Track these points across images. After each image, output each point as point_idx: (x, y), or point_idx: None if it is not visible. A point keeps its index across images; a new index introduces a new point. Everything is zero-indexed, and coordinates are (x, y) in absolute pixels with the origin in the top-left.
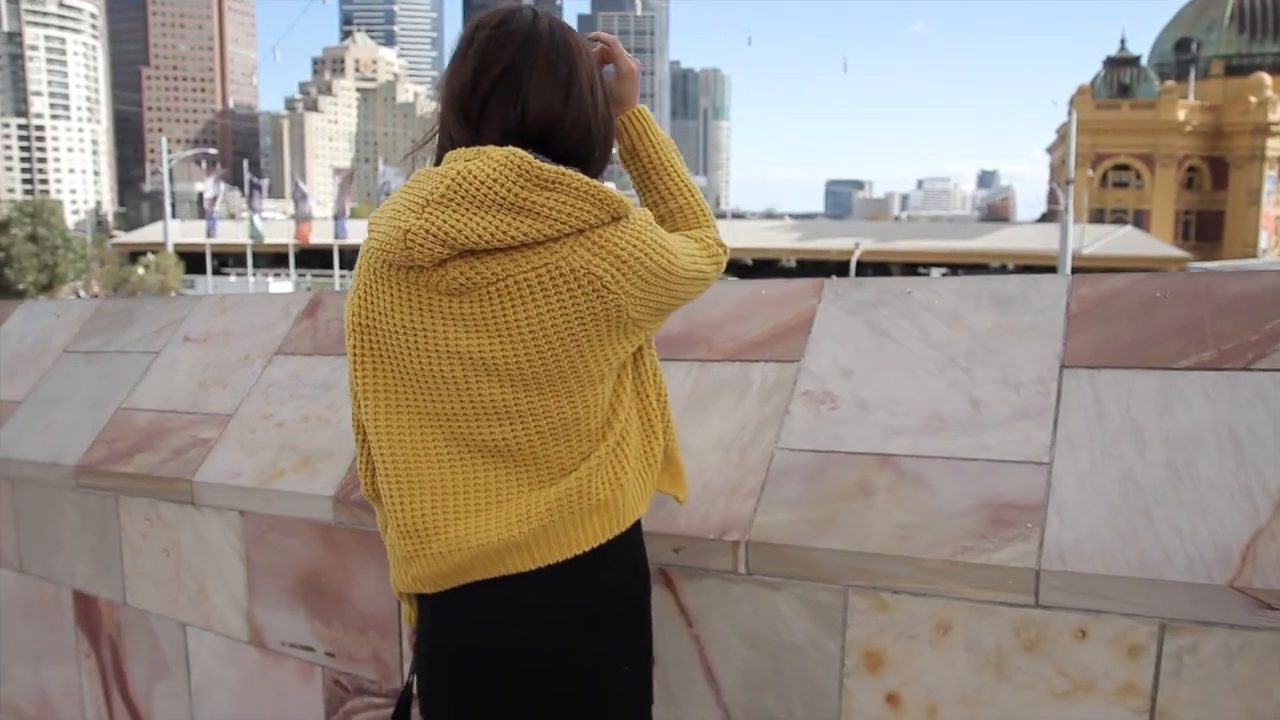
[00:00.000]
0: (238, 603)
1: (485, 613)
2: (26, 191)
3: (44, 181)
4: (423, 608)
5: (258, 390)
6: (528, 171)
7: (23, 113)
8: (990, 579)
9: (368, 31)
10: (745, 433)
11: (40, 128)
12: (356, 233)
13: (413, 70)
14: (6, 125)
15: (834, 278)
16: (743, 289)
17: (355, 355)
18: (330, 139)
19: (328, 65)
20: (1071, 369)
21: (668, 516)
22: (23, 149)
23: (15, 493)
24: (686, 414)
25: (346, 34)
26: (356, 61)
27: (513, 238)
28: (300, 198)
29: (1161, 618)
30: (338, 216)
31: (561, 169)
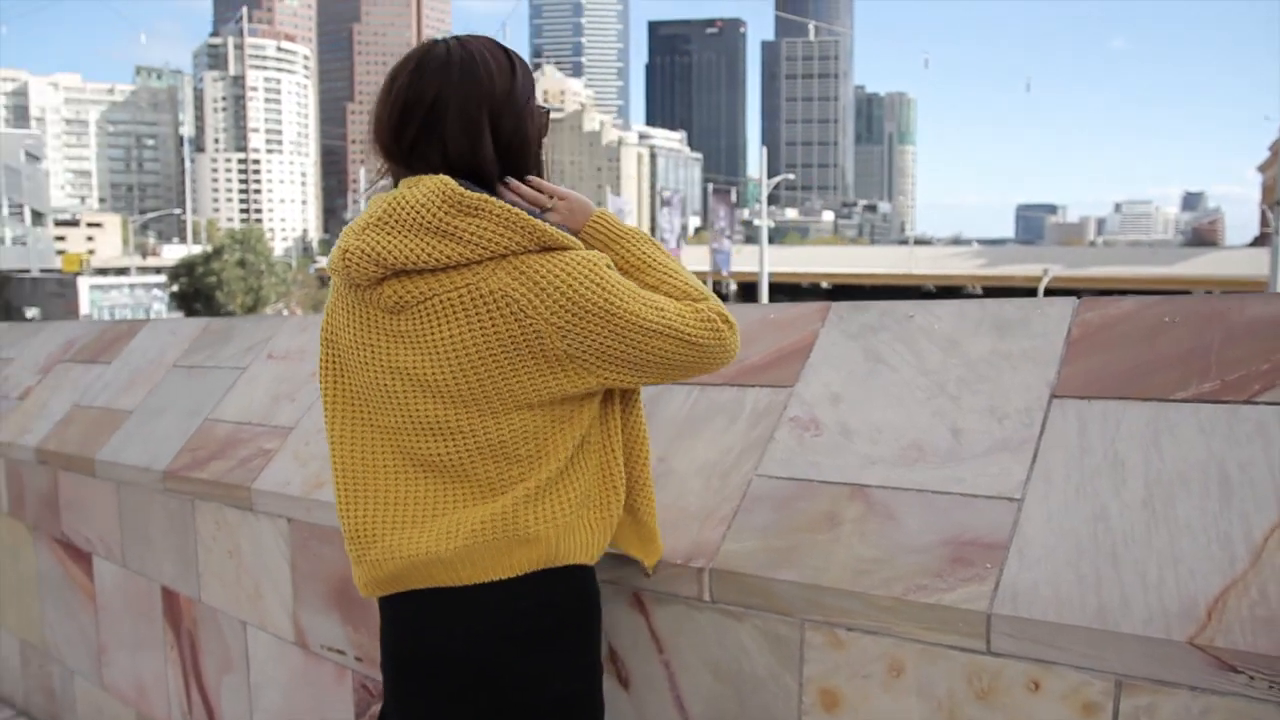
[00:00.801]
0: (285, 605)
1: (419, 621)
2: (243, 220)
3: (258, 210)
4: (379, 610)
5: (318, 404)
6: (452, 198)
7: (242, 148)
8: (941, 620)
9: (556, 63)
10: (729, 458)
11: (256, 161)
12: None
13: (599, 100)
14: (228, 160)
15: (840, 302)
16: (752, 312)
17: (322, 368)
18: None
19: None
20: (1061, 399)
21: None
22: (241, 181)
23: (120, 494)
24: (679, 438)
25: (535, 66)
26: (545, 92)
27: (437, 259)
28: None
29: (1116, 674)
30: None
31: (485, 197)
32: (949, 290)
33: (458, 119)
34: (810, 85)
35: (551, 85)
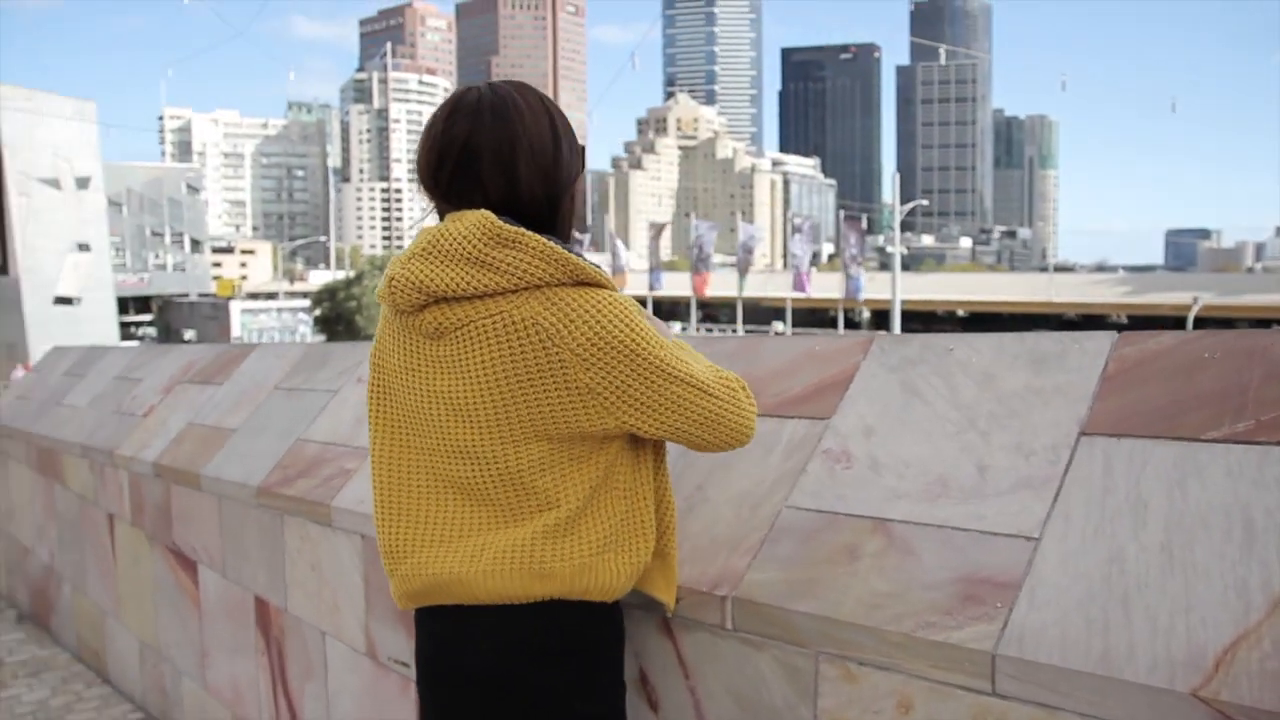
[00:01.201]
0: (359, 617)
1: (446, 635)
2: (385, 246)
3: (399, 237)
4: (414, 623)
5: None
6: (490, 231)
7: (384, 177)
8: (948, 659)
9: (689, 91)
10: (761, 488)
11: (399, 190)
12: (671, 285)
13: (732, 127)
14: (372, 189)
15: (883, 333)
16: (797, 344)
17: (370, 390)
18: (653, 195)
19: (651, 125)
20: (1090, 436)
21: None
22: (384, 209)
23: (221, 507)
24: (717, 468)
25: (669, 94)
26: (678, 120)
27: (475, 288)
28: (616, 250)
29: None
30: (652, 269)
31: (521, 230)
32: (1091, 319)
33: (492, 160)
34: (947, 109)
35: (685, 114)
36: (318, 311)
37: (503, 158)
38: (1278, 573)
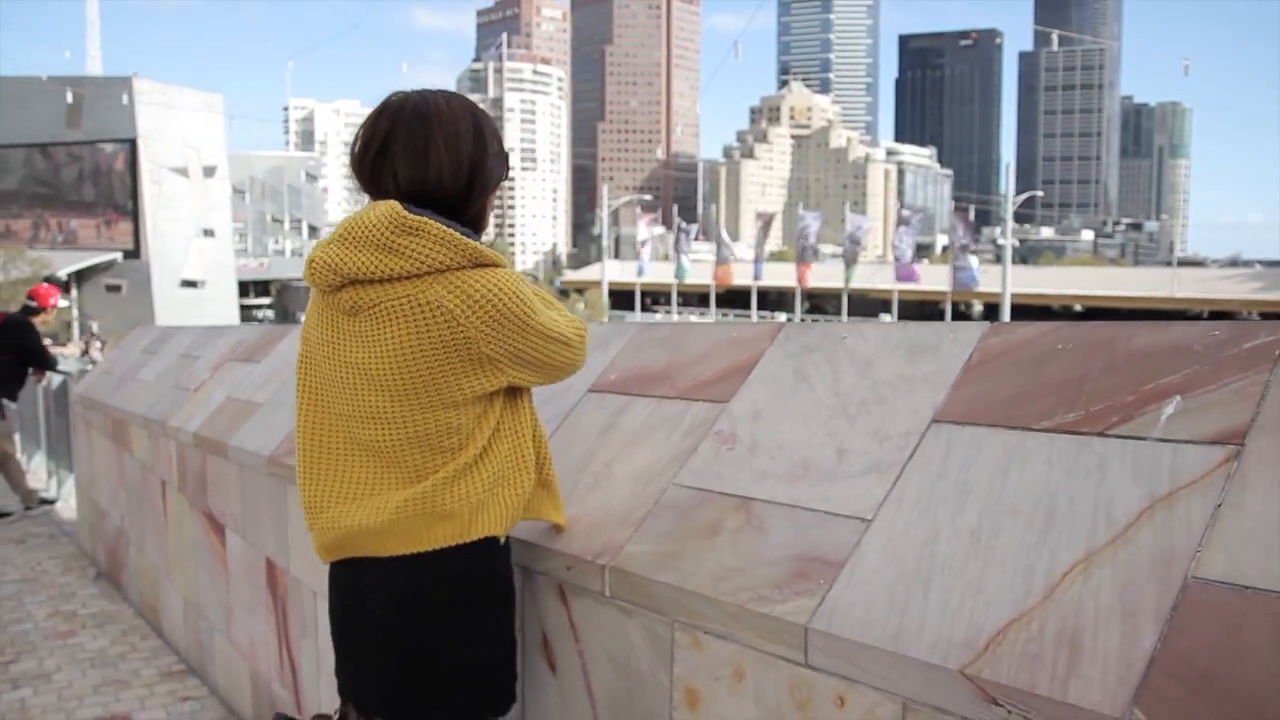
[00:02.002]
0: None
1: (352, 586)
2: (498, 234)
3: (511, 226)
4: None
5: None
6: (396, 220)
7: None
8: (771, 630)
9: (803, 80)
10: (658, 466)
11: (511, 179)
12: (775, 275)
13: (846, 116)
14: None
15: (793, 322)
16: (719, 331)
17: (298, 361)
18: (764, 185)
19: (764, 114)
20: (940, 423)
21: (567, 537)
22: (498, 198)
23: (242, 476)
24: (629, 445)
25: (783, 83)
26: (792, 109)
27: (383, 271)
28: (722, 241)
29: (904, 697)
30: (756, 259)
31: (425, 219)
32: (1220, 315)
33: (403, 150)
34: (1072, 97)
35: (798, 102)
36: None
37: (415, 150)
38: (1063, 560)
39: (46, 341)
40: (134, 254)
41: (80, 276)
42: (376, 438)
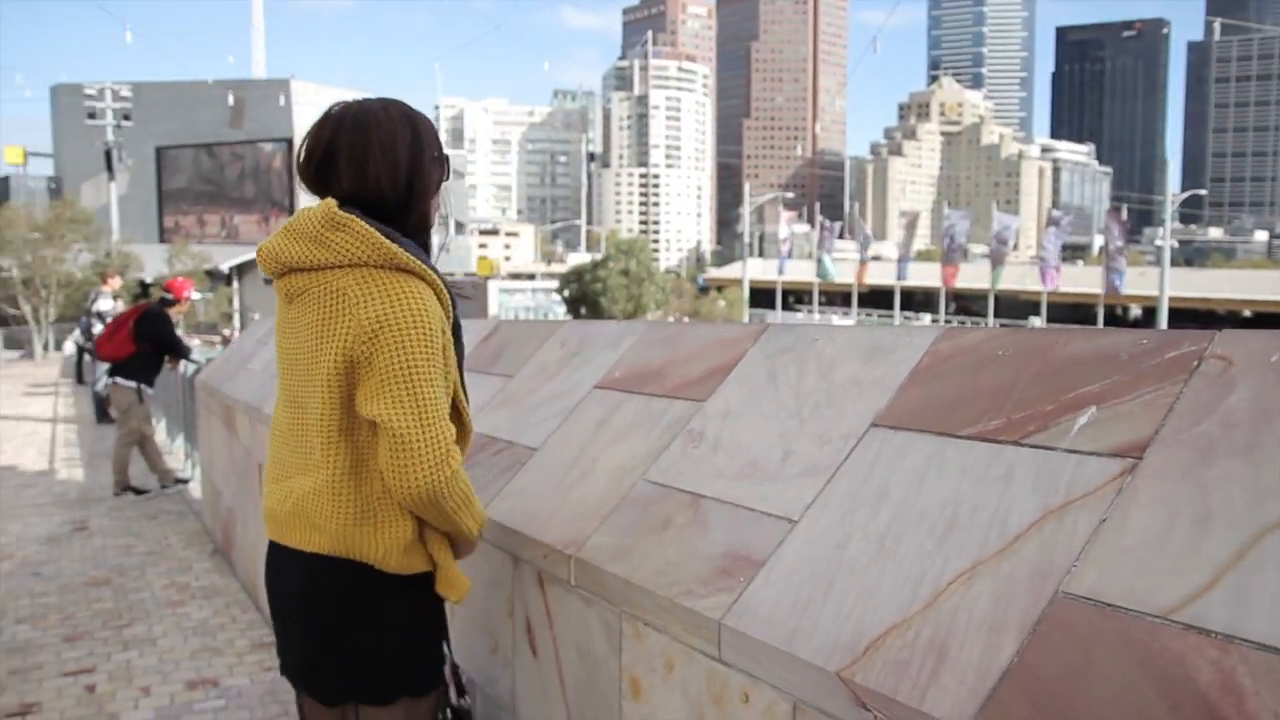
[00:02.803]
0: None
1: (274, 563)
2: (642, 231)
3: (655, 223)
4: None
5: None
6: (328, 215)
7: (643, 163)
8: (692, 624)
9: (954, 75)
10: (633, 462)
11: (656, 176)
12: (921, 275)
13: (999, 112)
14: (630, 175)
15: (776, 323)
16: (710, 332)
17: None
18: (912, 182)
19: (913, 110)
20: (877, 427)
21: (548, 528)
22: (641, 194)
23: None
24: (614, 441)
25: (933, 78)
26: (942, 105)
27: (312, 261)
28: (864, 240)
29: (795, 697)
30: (900, 259)
31: (353, 217)
32: None
33: (346, 157)
34: (1246, 89)
35: (949, 98)
36: (566, 292)
37: (355, 157)
38: (951, 569)
39: (181, 332)
40: None
41: (241, 270)
42: (289, 421)
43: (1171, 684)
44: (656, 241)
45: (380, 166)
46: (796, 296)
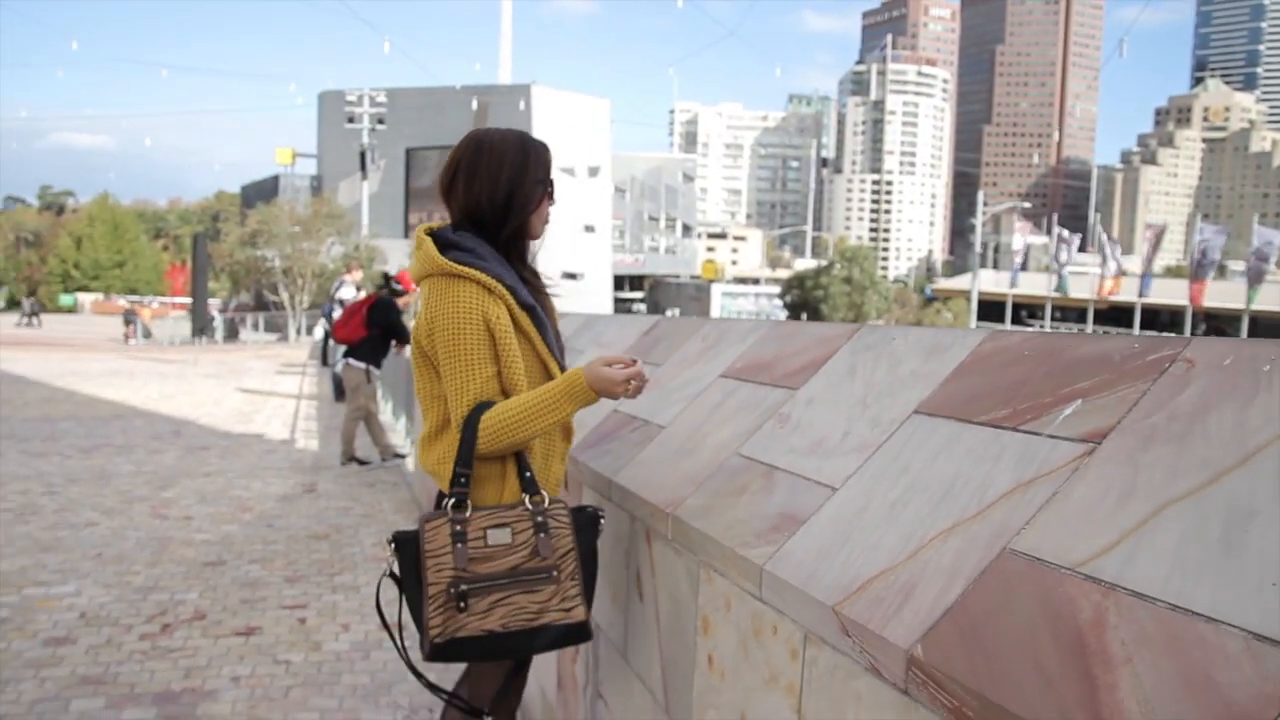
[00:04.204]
0: None
1: None
2: (872, 239)
3: (886, 230)
4: None
5: None
6: (415, 238)
7: (876, 169)
8: (744, 570)
9: (1223, 76)
10: (734, 439)
11: (889, 183)
12: (1168, 292)
13: (1273, 116)
14: (863, 181)
15: (870, 324)
16: (811, 330)
17: None
18: (1165, 193)
19: (1172, 115)
20: (918, 414)
21: (657, 490)
22: (873, 201)
23: None
24: (723, 422)
25: (1197, 80)
26: (1205, 109)
27: (416, 274)
28: (1106, 253)
29: (806, 628)
30: (1144, 274)
31: (424, 238)
32: None
33: (462, 177)
34: None
35: (1214, 101)
36: (788, 298)
37: (467, 177)
38: (935, 529)
39: (408, 319)
40: None
41: None
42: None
43: (1059, 619)
44: (886, 250)
45: (483, 185)
46: (1029, 310)
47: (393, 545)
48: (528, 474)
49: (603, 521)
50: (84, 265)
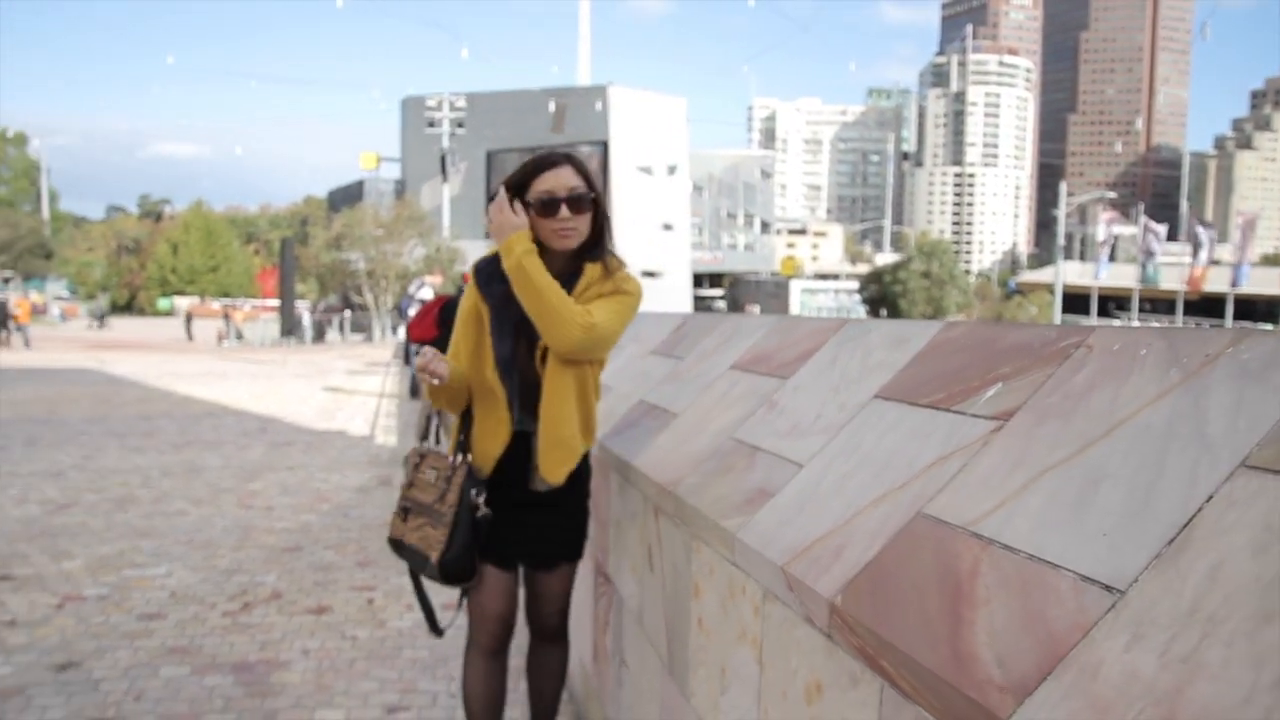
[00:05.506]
0: None
1: None
2: (954, 232)
3: (968, 224)
4: None
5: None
6: None
7: (958, 162)
8: (720, 538)
9: None
10: (730, 424)
11: (971, 175)
12: (1261, 281)
13: None
14: (944, 174)
15: (855, 318)
16: (808, 324)
17: None
18: (1263, 179)
19: (1269, 97)
20: (877, 399)
21: (664, 471)
22: (955, 194)
23: None
24: (725, 409)
25: None
26: None
27: None
28: (1199, 243)
29: (764, 586)
30: (1238, 264)
31: None
32: None
33: None
34: None
35: None
36: (866, 293)
37: None
38: (869, 497)
39: None
40: None
41: None
42: None
43: (945, 570)
44: (969, 243)
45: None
46: (1117, 303)
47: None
48: (462, 437)
49: (480, 513)
50: (180, 270)
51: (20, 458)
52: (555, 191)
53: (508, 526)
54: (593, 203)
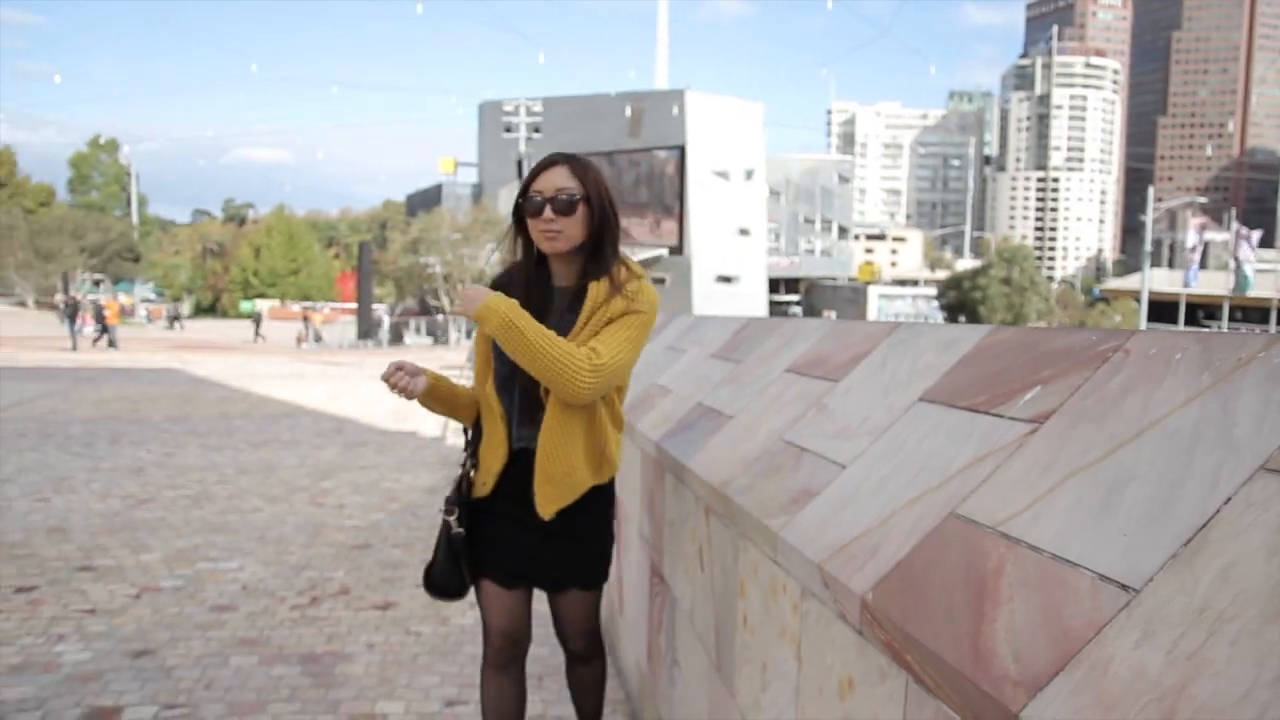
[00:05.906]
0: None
1: None
2: (1037, 238)
3: (1052, 229)
4: None
5: (687, 374)
6: None
7: (1041, 166)
8: (765, 538)
9: None
10: (780, 425)
11: (1055, 180)
12: None
13: None
14: (1027, 179)
15: (907, 322)
16: (860, 328)
17: None
18: None
19: None
20: (921, 402)
21: (716, 471)
22: (1039, 199)
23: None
24: (776, 411)
25: None
26: None
27: None
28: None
29: (802, 584)
30: None
31: None
32: None
33: None
34: None
35: None
36: (945, 299)
37: None
38: (906, 498)
39: None
40: (677, 250)
41: None
42: None
43: (972, 569)
44: (1052, 249)
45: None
46: (1207, 311)
47: None
48: (469, 451)
49: (453, 531)
50: (262, 273)
51: (104, 454)
52: (542, 191)
53: (508, 544)
54: (589, 205)
